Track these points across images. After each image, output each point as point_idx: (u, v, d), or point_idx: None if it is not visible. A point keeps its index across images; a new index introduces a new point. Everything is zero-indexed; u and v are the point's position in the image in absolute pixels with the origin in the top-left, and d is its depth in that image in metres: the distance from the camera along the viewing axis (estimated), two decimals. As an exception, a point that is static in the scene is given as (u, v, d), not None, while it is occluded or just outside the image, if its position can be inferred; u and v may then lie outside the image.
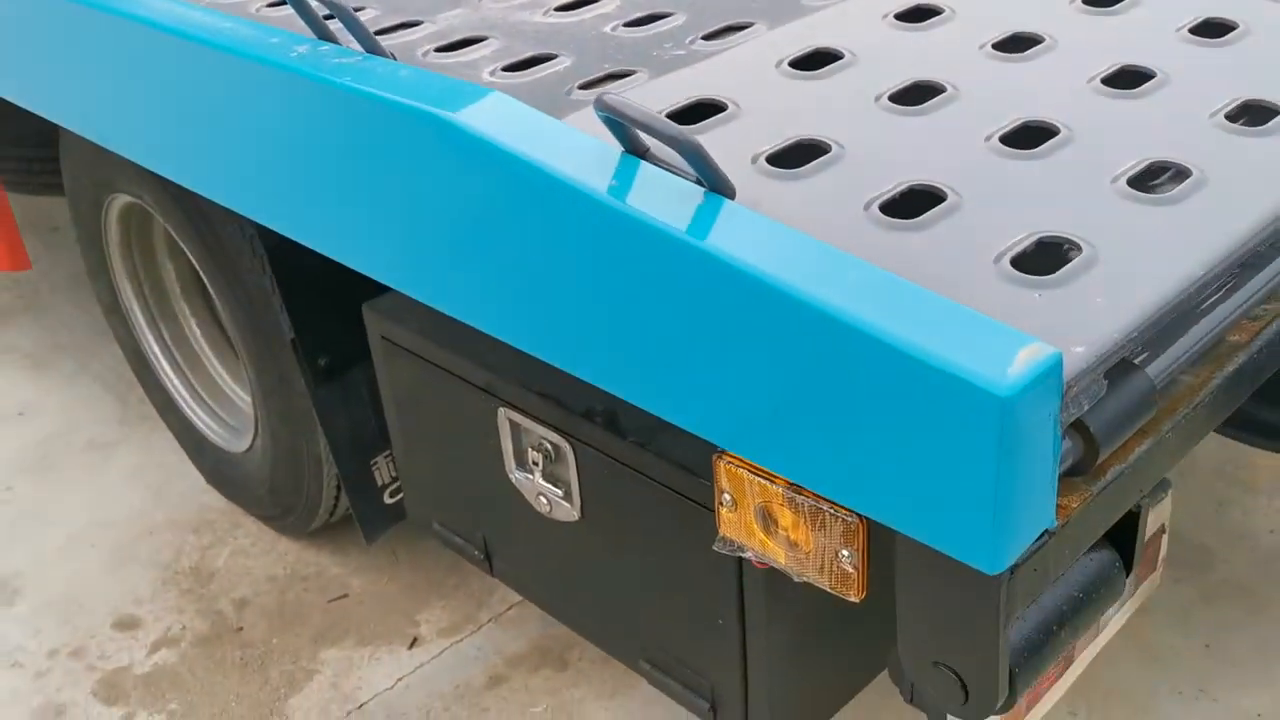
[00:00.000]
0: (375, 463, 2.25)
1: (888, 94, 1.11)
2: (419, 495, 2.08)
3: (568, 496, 1.69)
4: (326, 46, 1.14)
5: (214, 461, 2.81)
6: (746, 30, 1.28)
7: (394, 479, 2.28)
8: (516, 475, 1.76)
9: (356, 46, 1.12)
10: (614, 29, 1.30)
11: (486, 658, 2.43)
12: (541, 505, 1.74)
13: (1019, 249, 0.88)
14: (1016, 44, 1.24)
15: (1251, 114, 1.10)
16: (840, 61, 1.18)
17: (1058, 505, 0.83)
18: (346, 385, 2.17)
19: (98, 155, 2.47)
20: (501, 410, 1.72)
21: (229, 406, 2.77)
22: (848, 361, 0.77)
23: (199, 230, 2.27)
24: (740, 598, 1.53)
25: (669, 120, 0.87)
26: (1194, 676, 2.25)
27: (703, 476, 1.39)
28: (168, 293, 2.83)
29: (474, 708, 2.32)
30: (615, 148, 0.90)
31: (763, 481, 0.94)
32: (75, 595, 2.66)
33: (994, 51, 1.24)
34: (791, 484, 0.91)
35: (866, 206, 0.95)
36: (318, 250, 1.31)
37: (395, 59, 1.15)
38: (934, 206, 0.95)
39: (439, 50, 1.29)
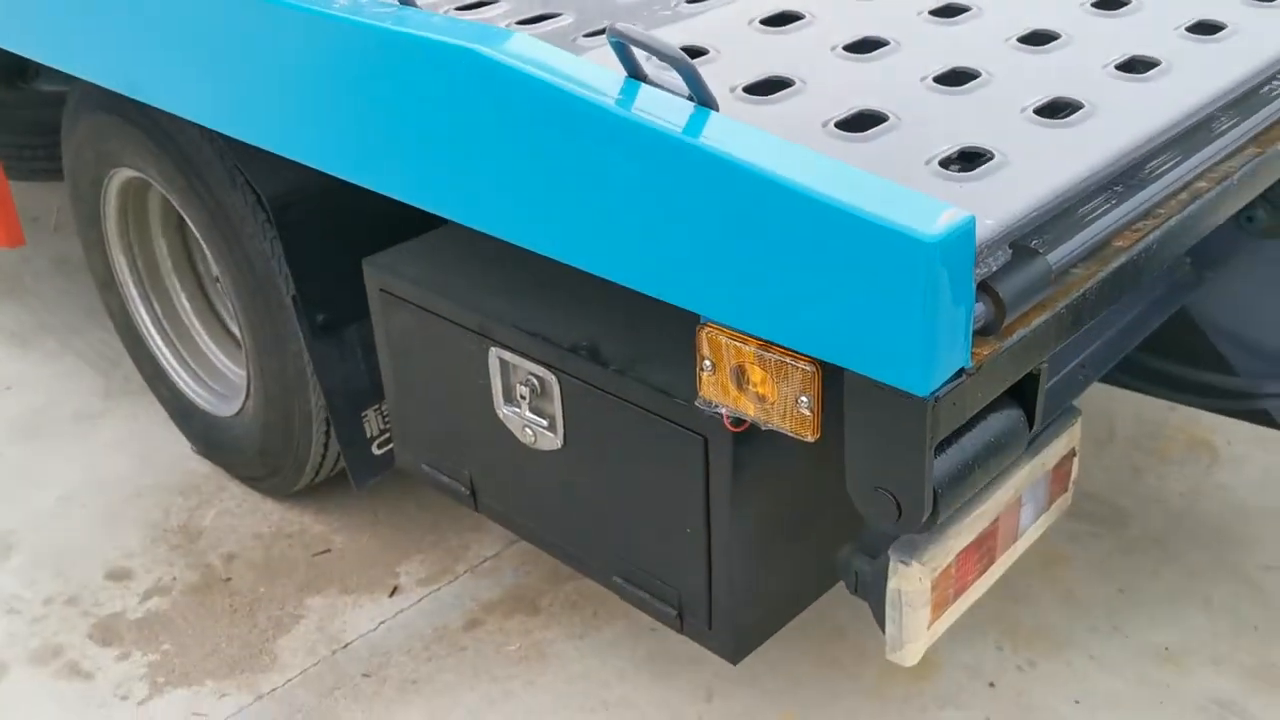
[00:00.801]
0: (365, 415, 2.43)
1: (842, 45, 1.33)
2: (409, 440, 2.26)
3: (551, 427, 1.88)
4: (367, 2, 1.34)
5: (202, 427, 2.97)
6: None
7: (383, 431, 2.45)
8: (505, 411, 1.95)
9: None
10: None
11: (463, 604, 2.61)
12: (527, 437, 1.93)
13: (945, 154, 1.10)
14: (950, 11, 1.47)
15: (1135, 65, 1.33)
16: (802, 21, 1.40)
17: (976, 352, 1.04)
18: (341, 341, 2.35)
19: (102, 131, 2.66)
20: (493, 350, 1.91)
21: (216, 375, 2.93)
22: (807, 227, 0.98)
23: (201, 199, 2.44)
24: (707, 507, 1.73)
25: (668, 42, 1.09)
26: (1108, 615, 2.48)
27: (678, 397, 1.59)
28: (159, 267, 2.99)
29: (452, 647, 2.50)
30: (620, 73, 1.11)
31: (738, 345, 1.14)
32: (68, 550, 2.80)
33: (931, 17, 1.47)
34: (761, 343, 1.12)
35: (824, 125, 1.16)
36: (375, 189, 1.49)
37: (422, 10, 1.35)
38: (878, 125, 1.16)
39: (458, 9, 1.49)
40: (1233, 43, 1.39)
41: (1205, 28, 1.41)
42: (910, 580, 1.54)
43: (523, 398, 1.91)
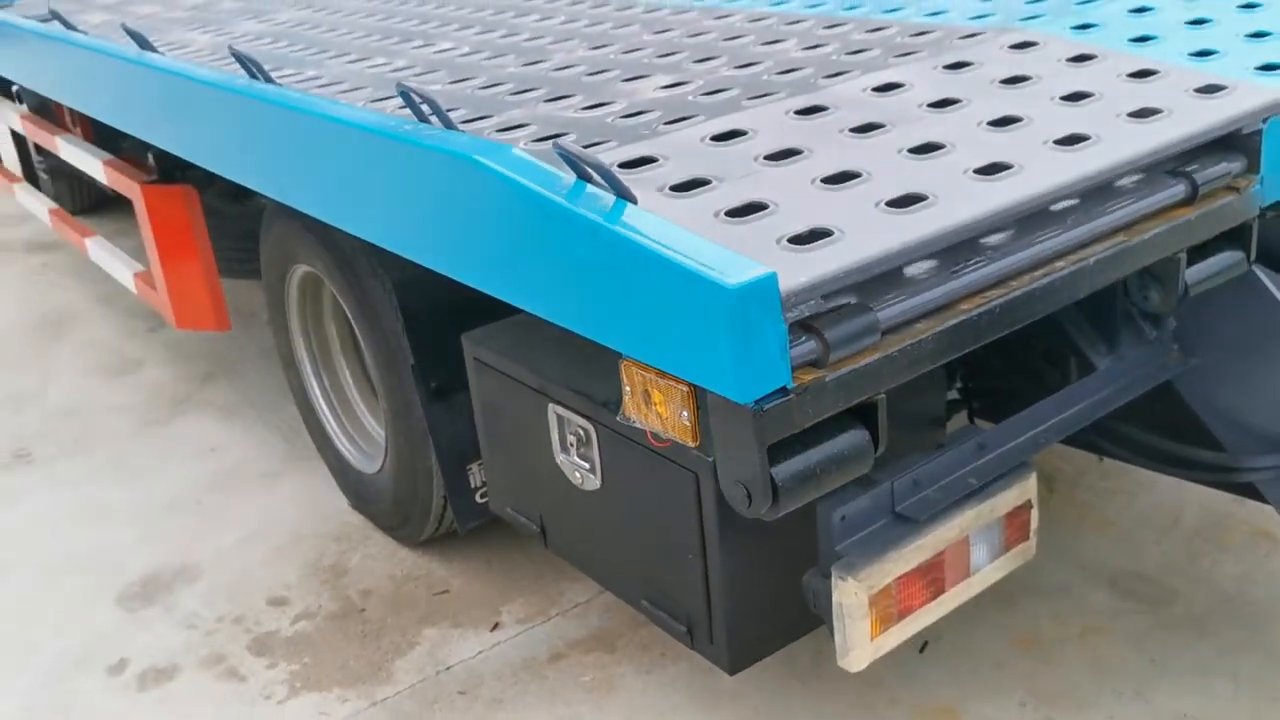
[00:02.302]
0: (470, 468, 2.88)
1: (764, 154, 1.71)
2: (497, 486, 2.70)
3: (593, 470, 2.28)
4: (427, 128, 1.81)
5: (354, 482, 3.50)
6: (693, 119, 1.88)
7: (483, 483, 2.90)
8: (560, 458, 2.36)
9: (439, 125, 1.79)
10: (612, 120, 1.95)
11: (551, 641, 2.99)
12: (576, 480, 2.33)
13: (798, 233, 1.45)
14: (867, 128, 1.80)
15: (992, 169, 1.63)
16: (743, 136, 1.78)
17: (798, 377, 1.37)
18: (451, 404, 2.82)
19: (286, 235, 3.27)
20: (550, 406, 2.33)
21: (368, 438, 3.47)
22: (667, 281, 1.35)
23: (353, 288, 2.99)
24: (701, 536, 2.08)
25: (589, 152, 1.49)
26: (1134, 683, 2.64)
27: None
28: (330, 349, 3.58)
29: (536, 675, 2.88)
30: (572, 176, 1.52)
31: (643, 373, 1.51)
32: (240, 580, 3.36)
33: (851, 133, 1.77)
34: (657, 371, 1.48)
35: (716, 214, 1.54)
36: (427, 265, 1.95)
37: (463, 131, 1.80)
38: (759, 212, 1.52)
39: (499, 130, 1.95)
40: (1090, 149, 1.68)
41: (1071, 139, 1.71)
42: (848, 594, 1.84)
43: (573, 445, 2.31)
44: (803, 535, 1.92)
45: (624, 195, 1.50)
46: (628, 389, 1.56)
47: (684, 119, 1.89)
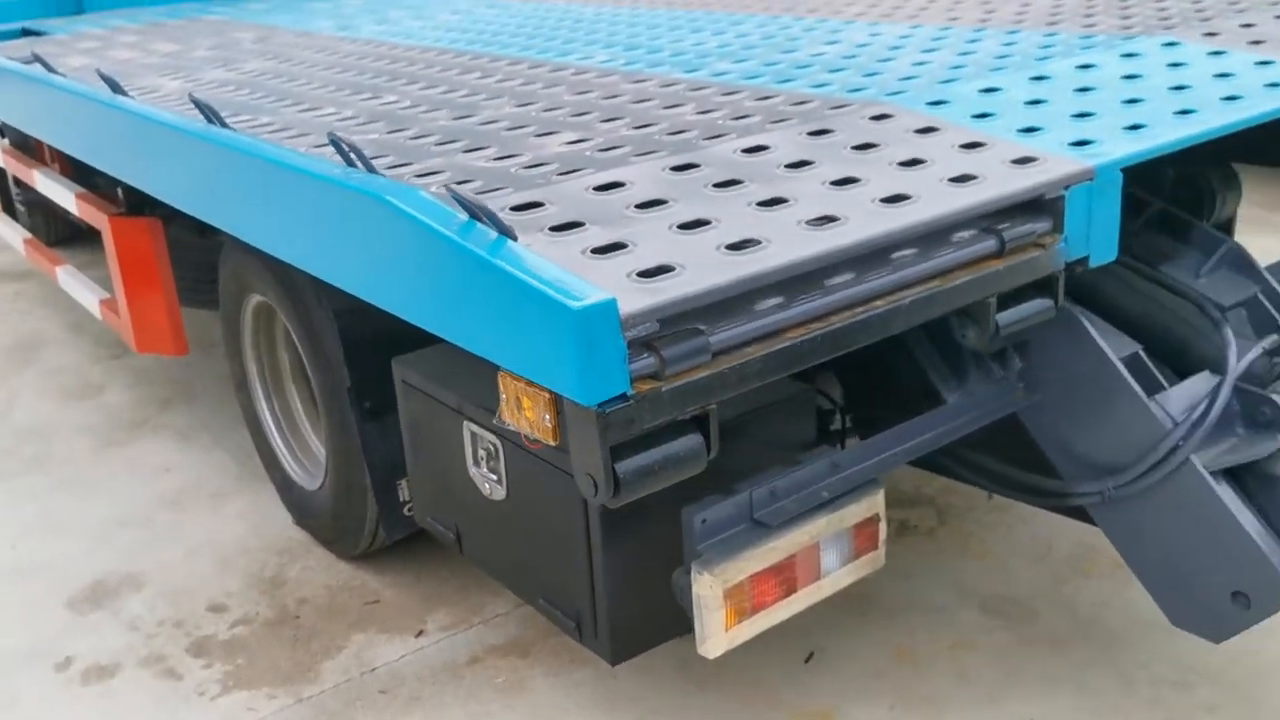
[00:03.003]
0: (399, 484, 3.13)
1: (635, 203, 2.00)
2: (420, 499, 2.96)
3: (500, 481, 2.54)
4: (353, 171, 2.08)
5: (298, 499, 3.75)
6: (583, 171, 2.17)
7: (410, 497, 3.15)
8: (473, 471, 2.63)
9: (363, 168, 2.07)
10: (516, 170, 2.24)
11: (471, 647, 3.23)
12: (486, 490, 2.60)
13: (647, 268, 1.73)
14: (728, 184, 2.08)
15: (822, 220, 1.92)
16: (621, 187, 2.08)
17: (638, 387, 1.65)
18: (384, 424, 3.08)
19: (242, 266, 3.54)
20: (465, 423, 2.60)
21: (311, 457, 3.72)
22: (533, 303, 1.63)
23: (300, 316, 3.26)
24: (587, 540, 2.34)
25: (481, 196, 1.76)
26: (989, 691, 2.90)
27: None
28: (281, 375, 3.83)
29: (453, 676, 3.12)
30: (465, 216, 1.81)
31: (514, 381, 1.78)
32: (184, 588, 3.58)
33: (715, 188, 2.04)
34: (527, 381, 1.76)
35: (583, 251, 1.82)
36: (350, 291, 2.22)
37: (384, 176, 2.07)
38: (619, 250, 1.80)
39: (416, 175, 2.24)
40: (908, 206, 1.98)
41: (895, 198, 2.01)
42: (704, 588, 2.10)
43: (483, 459, 2.58)
44: (679, 539, 2.19)
45: (505, 233, 1.78)
46: (504, 396, 1.83)
47: (575, 170, 2.18)
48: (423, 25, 4.54)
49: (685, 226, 1.90)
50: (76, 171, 4.57)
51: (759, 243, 1.82)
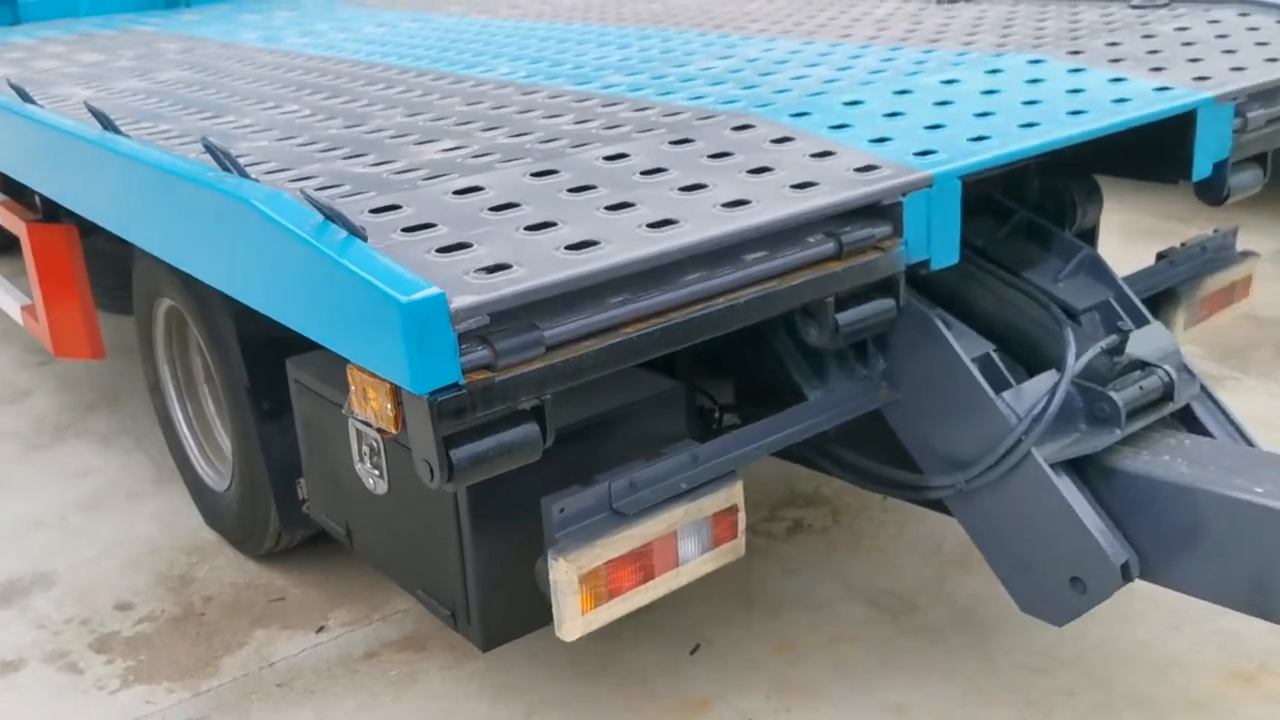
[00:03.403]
0: (299, 482, 3.21)
1: (488, 206, 2.11)
2: (315, 496, 3.04)
3: (382, 476, 2.63)
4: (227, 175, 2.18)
5: (208, 500, 3.81)
6: (448, 176, 2.27)
7: (307, 495, 3.23)
8: (358, 467, 2.71)
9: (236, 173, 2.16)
10: (386, 175, 2.34)
11: (368, 642, 3.31)
12: (370, 486, 2.68)
13: (487, 265, 1.84)
14: (582, 188, 2.20)
15: (661, 224, 2.03)
16: (479, 191, 2.19)
17: (470, 378, 1.75)
18: (282, 424, 3.15)
19: (151, 270, 3.61)
20: (350, 421, 2.69)
21: (221, 459, 3.79)
22: (369, 298, 1.73)
23: (204, 319, 3.34)
24: (459, 532, 2.44)
25: (331, 199, 1.87)
26: (864, 679, 3.01)
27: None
28: (194, 378, 3.90)
29: (349, 670, 3.20)
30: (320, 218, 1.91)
31: (360, 373, 1.88)
32: (92, 587, 3.64)
33: (570, 193, 2.15)
34: (371, 373, 1.85)
35: (429, 250, 1.92)
36: (224, 290, 2.31)
37: (256, 181, 2.16)
38: (464, 249, 1.91)
39: (292, 180, 2.33)
40: (746, 211, 2.09)
41: (736, 203, 2.12)
42: (560, 573, 2.20)
43: (367, 455, 2.67)
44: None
45: (355, 233, 1.88)
46: (353, 388, 1.93)
47: (442, 176, 2.28)
48: (345, 38, 4.63)
49: (532, 228, 2.00)
50: (9, 182, 4.62)
51: (597, 244, 1.93)
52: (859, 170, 2.28)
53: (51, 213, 4.02)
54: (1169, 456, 2.50)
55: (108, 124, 2.71)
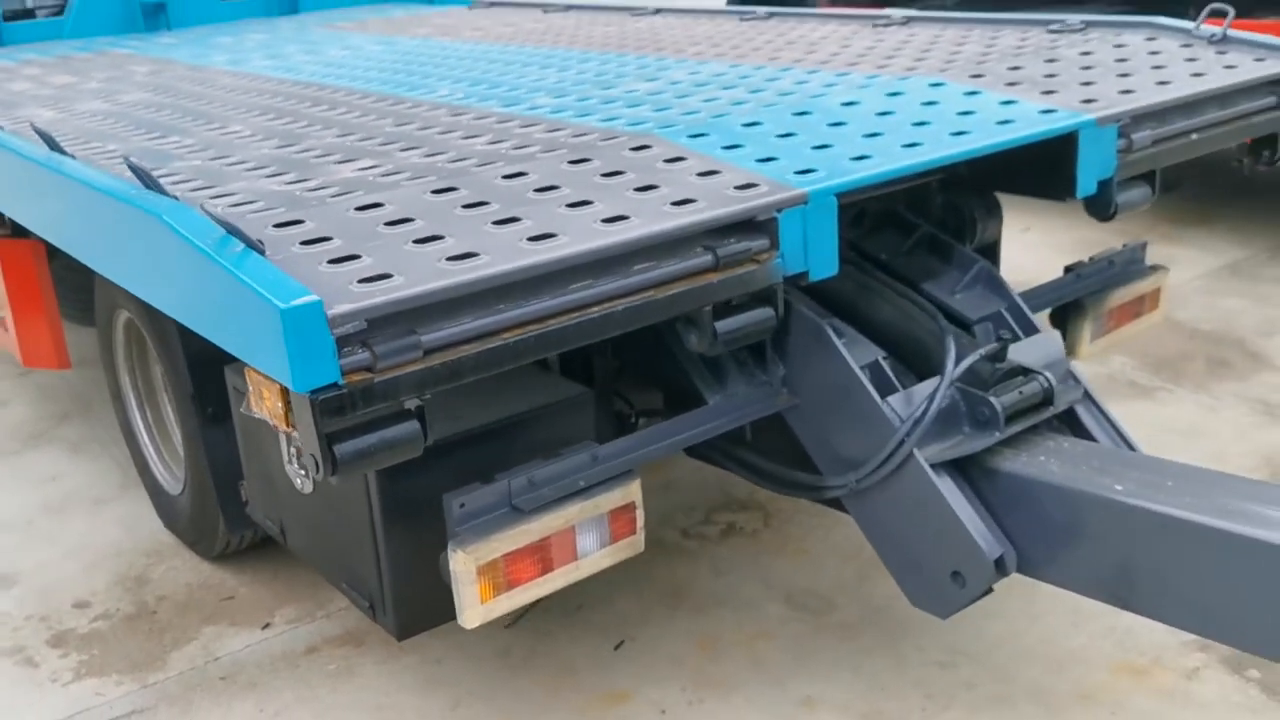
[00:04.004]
0: (241, 485, 3.37)
1: (384, 221, 2.28)
2: (253, 497, 3.20)
3: (308, 478, 2.79)
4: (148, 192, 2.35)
5: (166, 504, 3.97)
6: (355, 193, 2.43)
7: (247, 497, 3.39)
8: (288, 468, 2.87)
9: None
10: (300, 192, 2.51)
11: (310, 638, 3.47)
12: (299, 485, 2.84)
13: (366, 275, 2.01)
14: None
15: (540, 238, 2.19)
16: (378, 208, 2.36)
17: (350, 378, 1.90)
18: (225, 429, 3.31)
19: (109, 284, 3.78)
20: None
21: (178, 463, 3.95)
22: (257, 307, 1.90)
23: (155, 329, 3.51)
24: (373, 527, 2.59)
25: (226, 213, 2.04)
26: (777, 673, 3.16)
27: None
28: (154, 387, 4.07)
29: (290, 664, 3.35)
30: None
31: (255, 375, 2.04)
32: (53, 586, 3.80)
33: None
34: (264, 374, 2.01)
35: (325, 260, 2.09)
36: (146, 300, 2.47)
37: (170, 196, 2.32)
38: (352, 260, 2.08)
39: (212, 197, 2.50)
40: (625, 225, 2.25)
41: (616, 218, 2.28)
42: (459, 564, 2.35)
43: (294, 456, 2.82)
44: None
45: (252, 246, 2.04)
46: (250, 388, 2.09)
47: (349, 193, 2.45)
48: (308, 61, 4.81)
49: (420, 241, 2.17)
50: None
51: (477, 255, 2.09)
52: (739, 188, 2.44)
53: (19, 229, 4.20)
54: (1045, 457, 2.65)
55: (53, 144, 2.88)
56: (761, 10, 5.07)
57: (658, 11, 5.45)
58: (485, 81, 3.83)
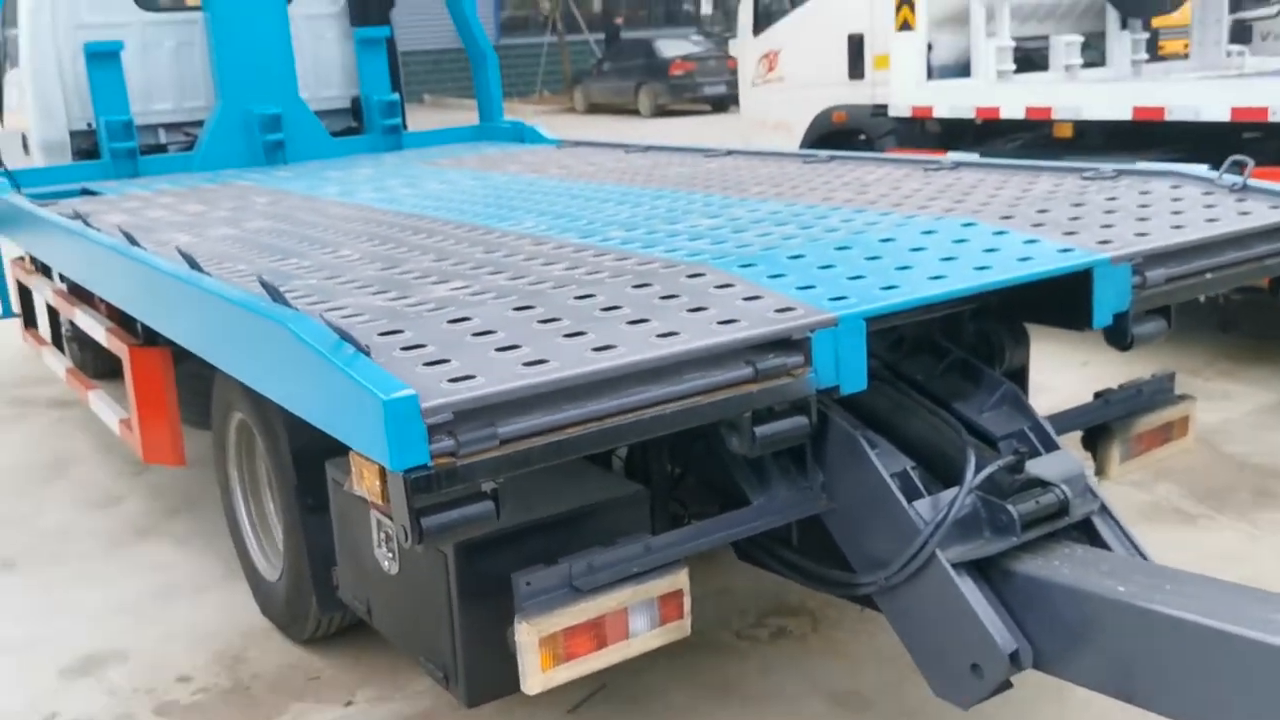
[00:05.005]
0: (334, 570, 3.73)
1: (473, 331, 2.68)
2: (344, 579, 3.56)
3: (395, 559, 3.15)
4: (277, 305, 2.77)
5: (263, 591, 4.35)
6: (447, 309, 2.84)
7: (339, 580, 3.74)
8: (377, 551, 3.23)
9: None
10: (401, 307, 2.93)
11: (388, 716, 3.78)
12: (385, 567, 3.20)
13: (454, 375, 2.38)
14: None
15: (602, 348, 2.55)
16: (469, 321, 2.76)
17: (437, 461, 2.25)
18: (323, 519, 3.69)
19: (227, 386, 4.24)
20: (371, 512, 3.22)
21: (276, 553, 4.34)
22: (361, 398, 2.28)
23: (265, 428, 3.93)
24: (450, 605, 2.93)
25: (341, 322, 2.45)
26: (722, 678, 3.38)
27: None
28: (259, 482, 4.49)
29: (368, 738, 3.67)
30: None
31: (359, 458, 2.40)
32: (159, 663, 4.18)
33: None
34: (366, 457, 2.37)
35: (417, 364, 2.48)
36: (273, 398, 2.89)
37: (294, 308, 2.74)
38: (442, 364, 2.46)
39: (327, 310, 2.92)
40: (676, 339, 2.60)
41: (669, 333, 2.64)
42: (523, 635, 2.67)
43: (384, 541, 3.19)
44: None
45: (361, 350, 2.44)
46: (353, 469, 2.47)
47: (442, 308, 2.86)
48: (410, 193, 5.34)
49: (500, 349, 2.55)
50: (116, 312, 5.36)
51: (548, 361, 2.46)
52: (779, 311, 2.79)
53: (150, 338, 4.72)
54: (1059, 562, 2.90)
55: (194, 264, 3.36)
56: (824, 154, 5.50)
57: (730, 152, 5.92)
58: (566, 215, 4.28)
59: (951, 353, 3.49)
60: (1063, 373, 5.94)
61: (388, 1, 7.72)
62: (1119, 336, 3.32)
